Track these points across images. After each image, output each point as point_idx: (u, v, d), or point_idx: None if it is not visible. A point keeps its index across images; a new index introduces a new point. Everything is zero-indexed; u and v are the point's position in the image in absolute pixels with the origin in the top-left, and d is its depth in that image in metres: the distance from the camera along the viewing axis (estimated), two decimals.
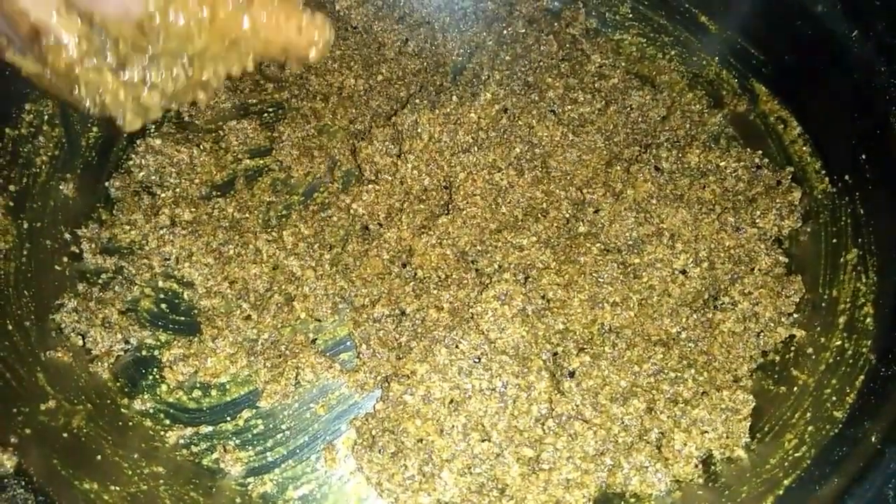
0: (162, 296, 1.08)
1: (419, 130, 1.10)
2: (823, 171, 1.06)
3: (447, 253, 1.04)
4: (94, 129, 1.15)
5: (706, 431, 0.91)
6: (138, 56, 0.75)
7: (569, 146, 1.15)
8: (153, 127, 1.20)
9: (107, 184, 1.15)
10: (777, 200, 1.08)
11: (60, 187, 1.09)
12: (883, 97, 0.98)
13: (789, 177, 1.10)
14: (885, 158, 0.97)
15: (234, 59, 0.79)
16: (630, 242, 1.06)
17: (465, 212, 1.07)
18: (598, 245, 1.04)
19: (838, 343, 0.95)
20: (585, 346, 0.96)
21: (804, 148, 1.09)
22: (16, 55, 0.74)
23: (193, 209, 1.12)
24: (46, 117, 1.08)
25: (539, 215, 1.08)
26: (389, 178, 1.13)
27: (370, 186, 1.12)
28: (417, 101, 1.18)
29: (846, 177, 1.03)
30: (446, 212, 1.08)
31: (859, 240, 0.98)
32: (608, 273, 1.02)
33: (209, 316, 1.05)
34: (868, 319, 0.92)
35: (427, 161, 1.11)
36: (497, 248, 1.04)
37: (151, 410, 0.99)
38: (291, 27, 0.76)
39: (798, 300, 1.02)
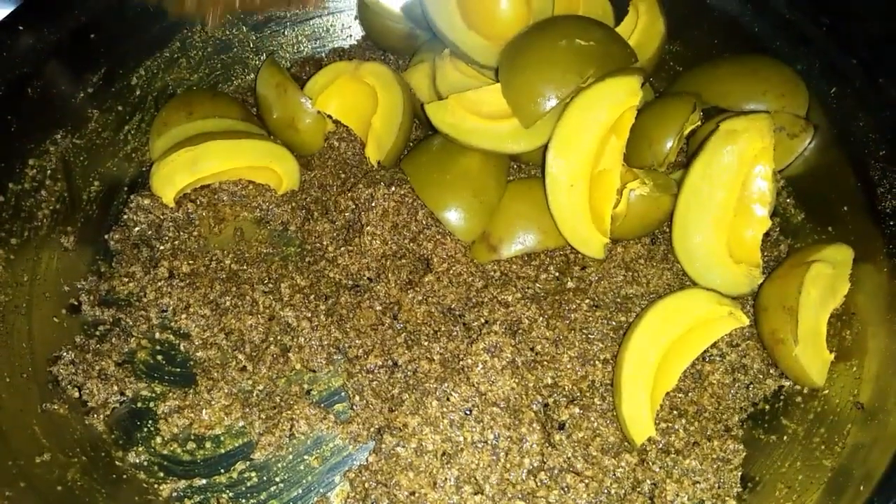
0: (158, 347, 1.08)
1: (373, 205, 1.12)
2: (808, 224, 1.09)
3: (432, 310, 1.06)
4: (96, 183, 1.18)
5: (698, 482, 0.92)
6: None
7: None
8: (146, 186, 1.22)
9: (106, 237, 1.17)
10: (765, 253, 1.09)
11: (61, 240, 1.11)
12: (862, 149, 1.01)
13: (777, 229, 1.12)
14: (867, 210, 1.00)
15: None
16: (618, 300, 1.08)
17: (450, 271, 1.08)
18: (587, 301, 1.05)
19: (826, 392, 0.96)
20: (575, 398, 0.97)
21: (788, 200, 1.12)
22: None
23: (192, 261, 1.13)
24: (49, 172, 1.10)
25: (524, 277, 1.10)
26: (357, 241, 1.13)
27: (343, 249, 1.13)
28: (378, 176, 1.18)
29: (829, 227, 1.05)
30: (430, 269, 1.09)
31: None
32: (598, 330, 1.03)
33: (205, 367, 1.05)
34: (854, 369, 0.94)
35: (389, 230, 1.12)
36: (483, 303, 1.05)
37: (145, 463, 0.99)
38: None
39: None
